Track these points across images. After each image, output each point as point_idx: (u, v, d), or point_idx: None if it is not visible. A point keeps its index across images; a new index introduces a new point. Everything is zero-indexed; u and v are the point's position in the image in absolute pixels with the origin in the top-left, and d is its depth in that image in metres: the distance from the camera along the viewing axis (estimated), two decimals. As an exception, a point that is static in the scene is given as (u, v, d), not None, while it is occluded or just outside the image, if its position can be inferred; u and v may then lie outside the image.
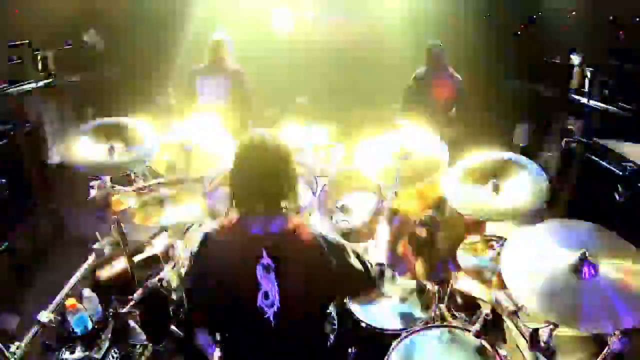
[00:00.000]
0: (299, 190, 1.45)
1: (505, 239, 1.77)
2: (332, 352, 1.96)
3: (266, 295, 1.34)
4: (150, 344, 2.43)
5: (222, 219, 1.42)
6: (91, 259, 2.80)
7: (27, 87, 7.08)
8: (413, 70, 5.00)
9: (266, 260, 1.33)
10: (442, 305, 2.33)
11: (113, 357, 2.32)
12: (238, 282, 1.36)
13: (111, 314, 2.46)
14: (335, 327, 1.76)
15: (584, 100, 7.53)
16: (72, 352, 2.28)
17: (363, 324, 2.11)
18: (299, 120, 4.49)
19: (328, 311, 1.72)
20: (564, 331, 1.83)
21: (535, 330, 1.95)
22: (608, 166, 3.12)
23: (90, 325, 2.34)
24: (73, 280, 2.65)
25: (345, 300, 2.24)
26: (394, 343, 1.87)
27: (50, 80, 7.77)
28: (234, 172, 1.39)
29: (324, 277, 1.42)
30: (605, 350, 1.52)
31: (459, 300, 2.42)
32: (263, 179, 1.34)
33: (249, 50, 5.97)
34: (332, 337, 1.71)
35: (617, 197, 2.86)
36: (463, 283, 2.56)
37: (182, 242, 2.82)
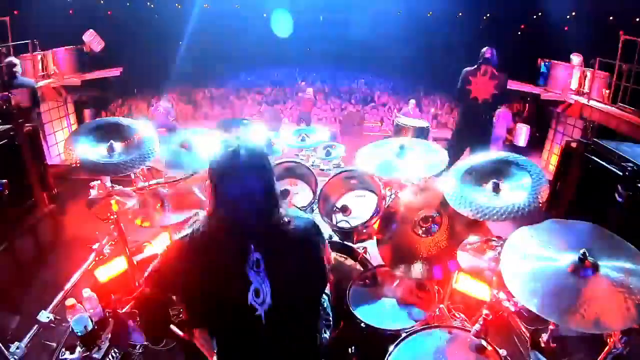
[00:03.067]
0: (278, 188, 1.45)
1: (505, 239, 1.76)
2: (332, 351, 1.95)
3: (257, 293, 1.32)
4: (150, 344, 2.43)
5: (205, 217, 1.39)
6: (91, 258, 2.80)
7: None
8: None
9: (255, 255, 1.32)
10: (442, 305, 2.33)
11: (113, 357, 2.32)
12: (228, 281, 1.34)
13: (111, 314, 2.46)
14: (331, 323, 1.75)
15: (583, 100, 7.56)
16: (72, 352, 2.28)
17: (363, 324, 2.12)
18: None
19: (323, 307, 1.71)
20: (564, 331, 1.83)
21: (535, 330, 1.95)
22: (608, 166, 3.11)
23: (90, 325, 2.34)
24: (73, 280, 2.65)
25: (344, 299, 2.26)
26: (394, 343, 1.87)
27: (51, 80, 7.78)
28: (215, 178, 1.37)
29: (313, 270, 1.44)
30: (605, 350, 1.52)
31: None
32: (246, 186, 1.33)
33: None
34: (327, 333, 1.70)
35: (617, 197, 2.86)
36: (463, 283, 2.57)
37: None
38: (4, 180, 2.91)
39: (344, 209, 2.77)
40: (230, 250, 1.34)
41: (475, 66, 4.89)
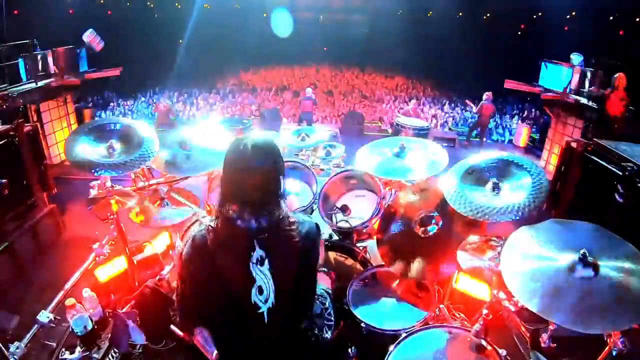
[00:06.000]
0: (285, 188, 1.46)
1: (506, 239, 1.76)
2: (332, 351, 1.95)
3: (260, 290, 1.35)
4: (151, 344, 2.43)
5: (213, 216, 1.42)
6: (91, 258, 2.80)
7: (27, 87, 7.09)
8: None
9: (259, 252, 1.34)
10: (442, 305, 2.33)
11: (113, 357, 2.32)
12: (232, 278, 1.36)
13: (111, 314, 2.46)
14: (332, 322, 1.75)
15: (584, 100, 7.56)
16: (72, 352, 2.28)
17: (363, 324, 2.12)
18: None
19: (325, 306, 1.72)
20: (564, 331, 1.83)
21: (535, 330, 1.95)
22: (608, 166, 3.11)
23: (90, 325, 2.34)
24: (73, 280, 2.65)
25: (344, 299, 2.26)
26: (394, 343, 1.87)
27: (51, 80, 7.77)
28: (225, 172, 1.40)
29: (312, 269, 1.46)
30: (605, 350, 1.52)
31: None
32: (252, 181, 1.35)
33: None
34: (329, 333, 1.70)
35: (617, 197, 2.86)
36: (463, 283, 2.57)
37: (181, 241, 2.82)
38: (4, 180, 2.92)
39: (344, 209, 2.77)
40: (235, 247, 1.36)
41: (610, 89, 6.42)
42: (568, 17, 11.09)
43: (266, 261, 1.34)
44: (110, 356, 2.31)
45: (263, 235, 1.35)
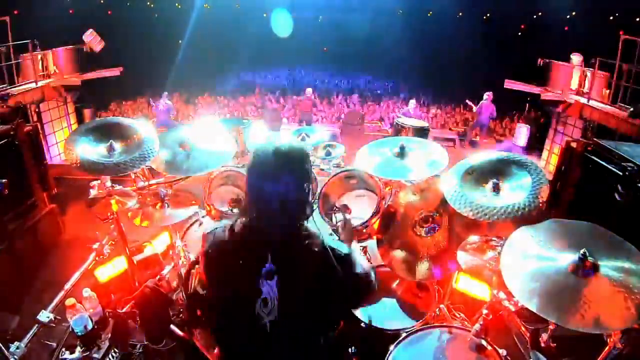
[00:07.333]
0: (310, 198, 1.42)
1: (506, 239, 1.76)
2: (332, 352, 1.95)
3: (265, 302, 1.32)
4: (151, 344, 2.43)
5: (232, 220, 1.39)
6: (91, 258, 2.80)
7: (27, 87, 7.09)
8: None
9: (269, 266, 1.31)
10: (442, 305, 2.33)
11: (113, 357, 2.32)
12: (240, 286, 1.35)
13: (111, 314, 2.46)
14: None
15: (583, 100, 7.56)
16: (72, 352, 2.28)
17: (363, 324, 2.12)
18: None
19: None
20: (564, 331, 1.83)
21: (535, 330, 1.95)
22: (608, 166, 3.11)
23: (90, 325, 2.34)
24: (73, 280, 2.65)
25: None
26: (394, 343, 1.87)
27: (51, 80, 7.78)
28: (247, 179, 1.37)
29: (327, 289, 1.40)
30: (605, 350, 1.52)
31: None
32: (274, 190, 1.30)
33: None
34: (331, 333, 1.70)
35: (617, 197, 2.85)
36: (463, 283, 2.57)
37: (181, 241, 2.82)
38: (4, 180, 2.91)
39: (344, 209, 2.77)
40: (247, 257, 1.34)
41: None
42: (568, 17, 11.10)
43: (275, 275, 1.31)
44: (110, 356, 2.30)
45: (278, 250, 1.32)
